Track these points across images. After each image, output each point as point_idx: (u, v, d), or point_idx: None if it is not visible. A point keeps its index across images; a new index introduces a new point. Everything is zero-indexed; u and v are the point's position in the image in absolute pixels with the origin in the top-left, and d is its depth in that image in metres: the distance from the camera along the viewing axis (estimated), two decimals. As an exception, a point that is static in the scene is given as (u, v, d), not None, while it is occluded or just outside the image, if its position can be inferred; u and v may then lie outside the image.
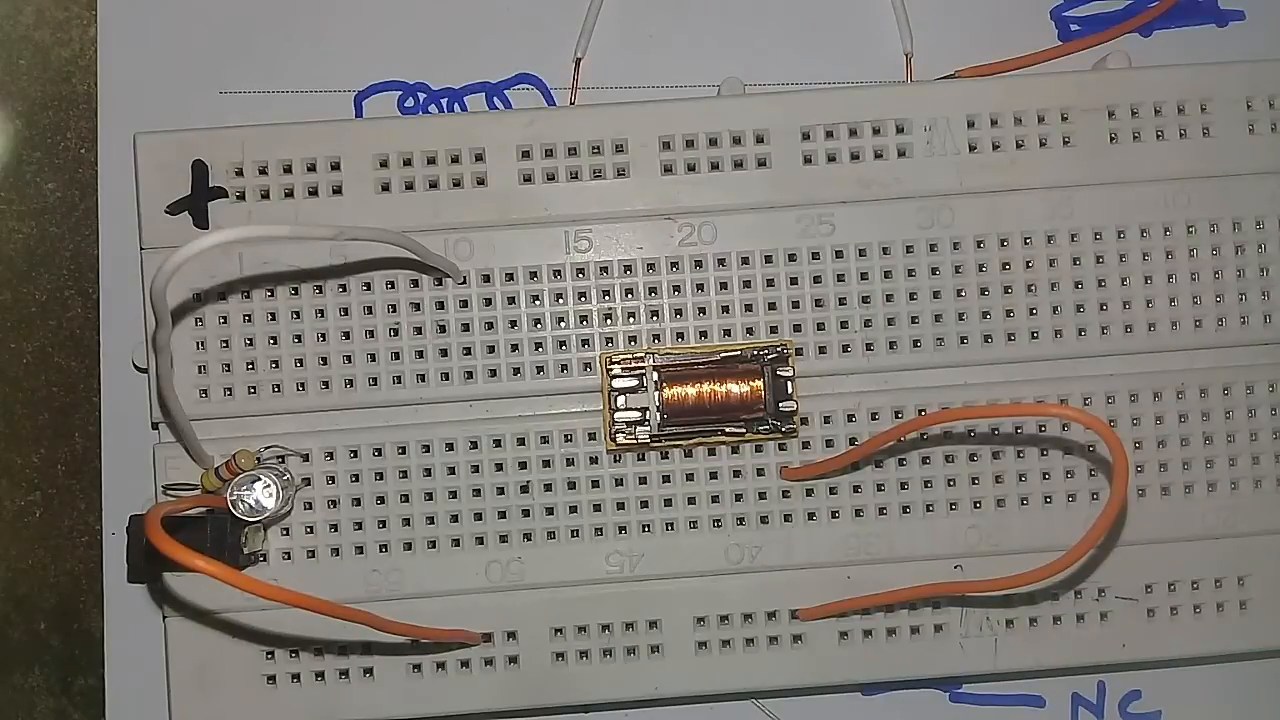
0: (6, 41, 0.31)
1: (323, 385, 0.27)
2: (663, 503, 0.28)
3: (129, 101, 0.30)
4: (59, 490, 0.31)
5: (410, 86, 0.31)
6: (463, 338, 0.27)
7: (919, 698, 0.30)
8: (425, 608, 0.27)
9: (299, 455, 0.27)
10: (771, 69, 0.30)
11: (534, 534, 0.27)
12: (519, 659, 0.28)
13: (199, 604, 0.27)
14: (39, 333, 0.31)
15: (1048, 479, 0.28)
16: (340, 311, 0.27)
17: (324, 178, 0.28)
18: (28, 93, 0.31)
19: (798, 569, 0.28)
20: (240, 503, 0.26)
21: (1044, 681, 0.30)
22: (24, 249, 0.31)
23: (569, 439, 0.28)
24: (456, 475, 0.27)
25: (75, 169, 0.31)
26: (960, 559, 0.28)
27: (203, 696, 0.27)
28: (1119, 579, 0.28)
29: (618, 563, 0.28)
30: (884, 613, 0.28)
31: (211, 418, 0.27)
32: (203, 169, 0.27)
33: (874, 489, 0.28)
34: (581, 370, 0.28)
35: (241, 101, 0.31)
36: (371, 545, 0.27)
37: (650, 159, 0.28)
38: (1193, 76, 0.28)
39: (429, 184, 0.28)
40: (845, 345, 0.28)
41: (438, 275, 0.27)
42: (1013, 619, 0.28)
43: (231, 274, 0.27)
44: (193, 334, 0.27)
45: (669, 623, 0.28)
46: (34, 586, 0.31)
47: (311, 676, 0.27)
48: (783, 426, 0.27)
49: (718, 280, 0.28)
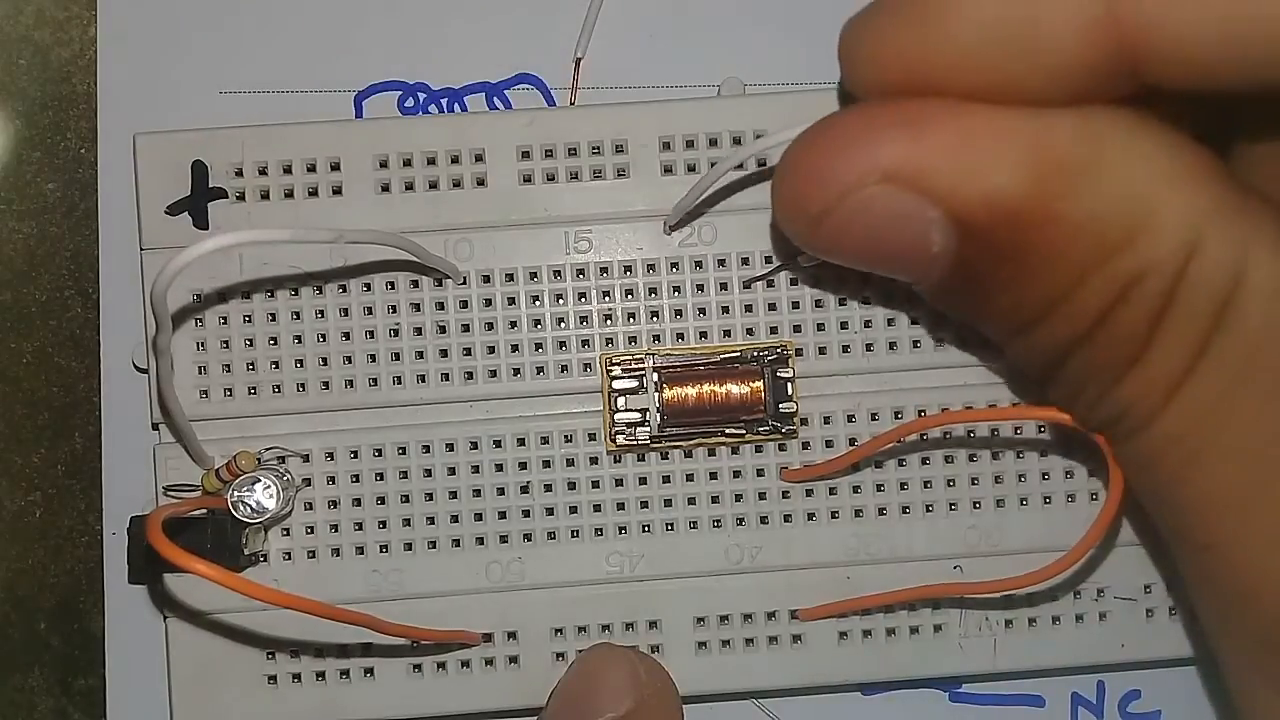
0: (6, 41, 0.31)
1: (323, 386, 0.27)
2: (663, 503, 0.28)
3: (129, 101, 0.30)
4: (59, 490, 0.31)
5: (410, 86, 0.31)
6: (463, 338, 0.28)
7: (919, 698, 0.30)
8: (426, 608, 0.27)
9: (299, 456, 0.27)
10: (771, 69, 0.30)
11: (534, 534, 0.28)
12: (519, 659, 0.28)
13: (200, 604, 0.27)
14: (39, 333, 0.31)
15: (1048, 479, 0.28)
16: (340, 312, 0.27)
17: (324, 178, 0.28)
18: (28, 93, 0.31)
19: (798, 569, 0.28)
20: (241, 504, 0.26)
21: (1044, 681, 0.30)
22: (24, 249, 0.31)
23: (569, 439, 0.28)
24: (457, 476, 0.27)
25: (75, 169, 0.31)
26: (960, 559, 0.28)
27: (203, 696, 0.27)
28: (1119, 579, 0.28)
29: (618, 563, 0.28)
30: (884, 613, 0.28)
31: (212, 418, 0.27)
32: (203, 169, 0.27)
33: (874, 489, 0.28)
34: (581, 371, 0.28)
35: (241, 101, 0.30)
36: (372, 545, 0.27)
37: (650, 159, 0.28)
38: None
39: (429, 184, 0.28)
40: (845, 346, 0.28)
41: (438, 276, 0.27)
42: (1012, 619, 0.28)
43: (231, 275, 0.27)
44: (193, 335, 0.27)
45: (669, 623, 0.28)
46: (34, 586, 0.31)
47: (312, 677, 0.27)
48: (783, 427, 0.27)
49: (718, 281, 0.28)
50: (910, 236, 0.21)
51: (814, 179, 0.21)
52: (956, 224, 0.20)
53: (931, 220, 0.20)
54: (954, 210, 0.20)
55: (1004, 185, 0.20)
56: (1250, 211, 0.20)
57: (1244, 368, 0.20)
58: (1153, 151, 0.20)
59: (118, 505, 0.30)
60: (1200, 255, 0.20)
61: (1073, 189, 0.20)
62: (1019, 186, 0.20)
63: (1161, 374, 0.20)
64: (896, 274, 0.22)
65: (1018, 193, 0.20)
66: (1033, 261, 0.20)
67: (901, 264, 0.22)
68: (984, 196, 0.20)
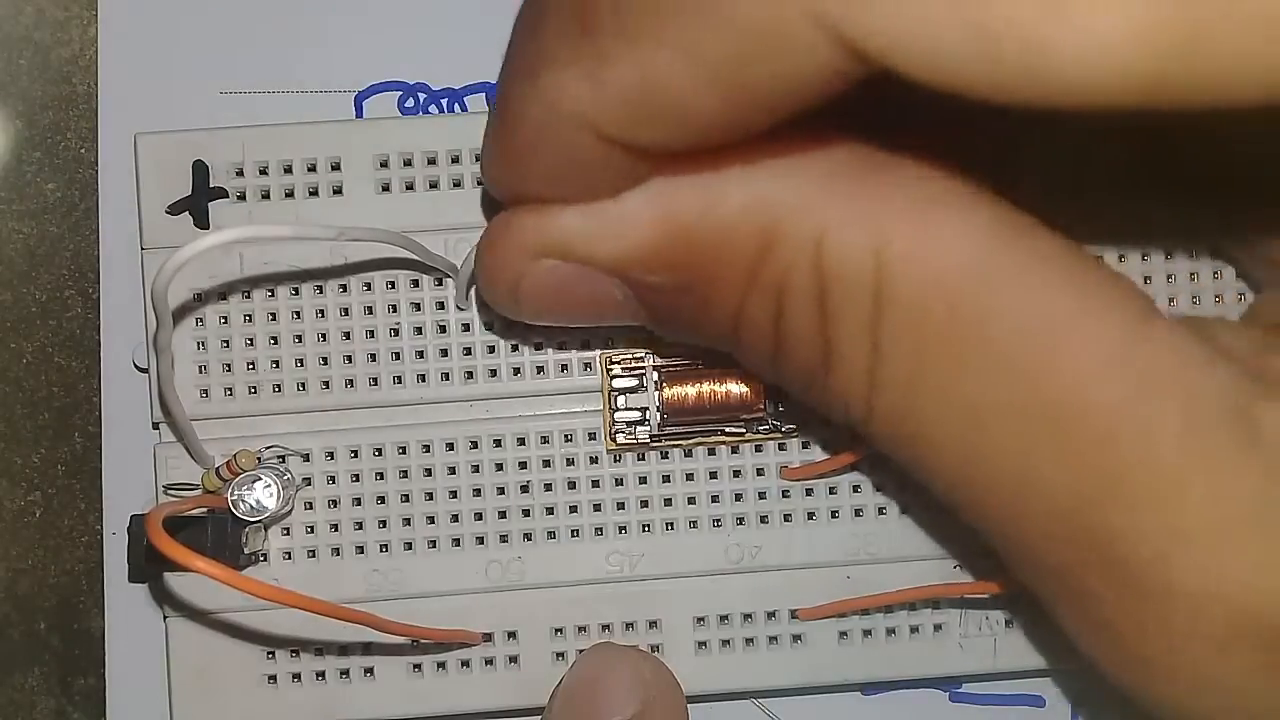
0: (6, 41, 0.31)
1: (323, 385, 0.27)
2: (663, 502, 0.28)
3: (129, 101, 0.30)
4: (59, 490, 0.31)
5: (410, 86, 0.31)
6: (463, 338, 0.28)
7: (919, 698, 0.30)
8: (426, 607, 0.27)
9: (300, 455, 0.27)
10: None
11: (534, 534, 0.28)
12: (519, 659, 0.28)
13: (200, 604, 0.27)
14: (39, 333, 0.31)
15: (1047, 479, 0.28)
16: (341, 311, 0.27)
17: (324, 178, 0.28)
18: (28, 93, 0.31)
19: (798, 569, 0.28)
20: (241, 503, 0.26)
21: (1044, 681, 0.30)
22: (24, 249, 0.31)
23: (569, 439, 0.28)
24: (457, 475, 0.27)
25: (75, 169, 0.31)
26: (960, 559, 0.28)
27: (204, 696, 0.27)
28: (1119, 579, 0.28)
29: (618, 562, 0.28)
30: (884, 613, 0.28)
31: (212, 418, 0.27)
32: (203, 169, 0.27)
33: (874, 489, 0.28)
34: (581, 370, 0.28)
35: (241, 101, 0.30)
36: (372, 545, 0.27)
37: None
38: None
39: (429, 184, 0.28)
40: (845, 345, 0.28)
41: (438, 275, 0.27)
42: (1012, 619, 0.28)
43: (232, 274, 0.27)
44: (193, 334, 0.27)
45: (669, 622, 0.28)
46: (34, 586, 0.31)
47: (313, 676, 0.27)
48: (783, 426, 0.27)
49: (718, 280, 0.28)
50: (593, 291, 0.22)
51: (493, 272, 0.23)
52: (617, 275, 0.22)
53: (598, 277, 0.22)
54: (605, 267, 0.22)
55: (634, 233, 0.21)
56: (873, 188, 0.20)
57: (918, 340, 0.20)
58: (765, 147, 0.20)
59: (118, 505, 0.30)
60: (828, 243, 0.20)
61: (701, 212, 0.21)
62: (647, 229, 0.21)
63: (853, 371, 0.21)
64: (609, 321, 0.23)
65: (648, 235, 0.21)
66: (699, 290, 0.21)
67: (605, 314, 0.23)
68: (623, 249, 0.21)
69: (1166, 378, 0.19)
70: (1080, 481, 0.19)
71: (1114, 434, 0.19)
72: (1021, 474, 0.20)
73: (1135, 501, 0.19)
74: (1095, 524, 0.19)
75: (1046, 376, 0.19)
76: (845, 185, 0.20)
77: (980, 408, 0.20)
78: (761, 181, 0.20)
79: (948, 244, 0.20)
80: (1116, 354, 0.19)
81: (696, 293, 0.22)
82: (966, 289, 0.20)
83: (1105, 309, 0.20)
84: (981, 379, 0.20)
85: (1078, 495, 0.19)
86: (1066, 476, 0.19)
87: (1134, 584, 0.20)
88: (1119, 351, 0.19)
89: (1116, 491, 0.19)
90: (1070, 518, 0.20)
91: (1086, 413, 0.19)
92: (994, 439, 0.20)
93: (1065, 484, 0.20)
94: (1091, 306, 0.20)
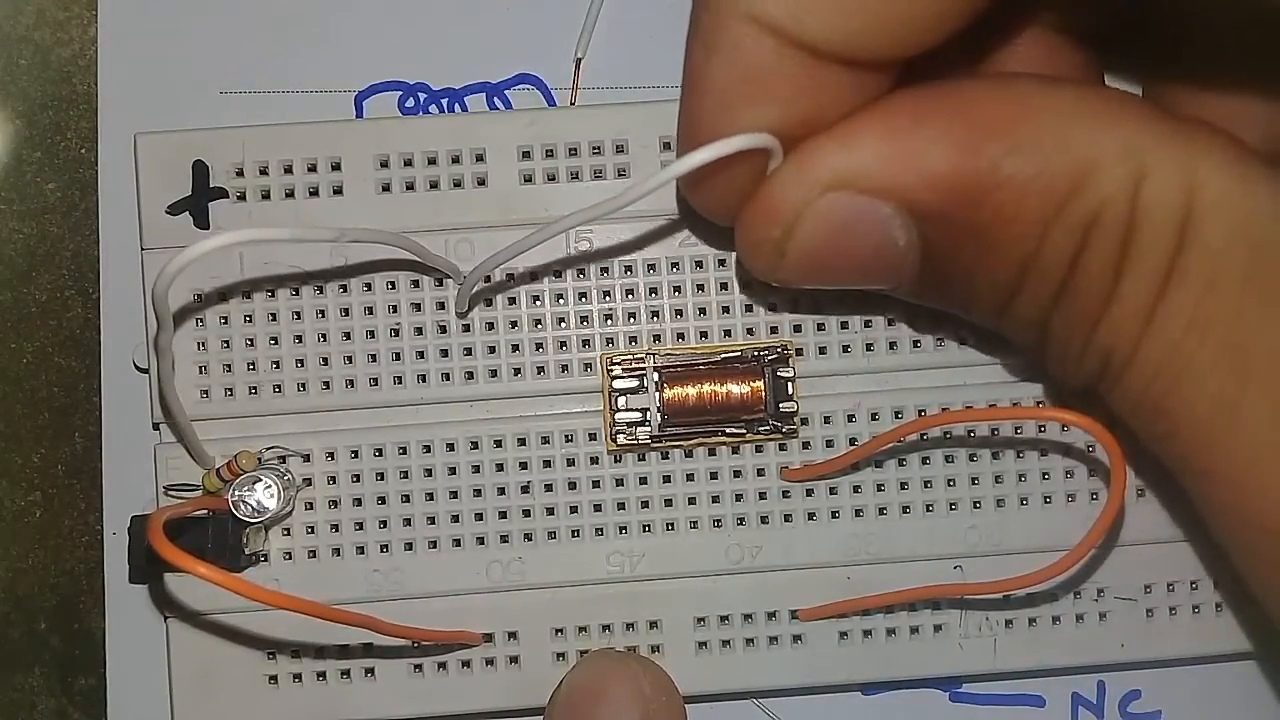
0: (6, 41, 0.31)
1: (324, 385, 0.27)
2: (663, 503, 0.28)
3: (129, 101, 0.30)
4: (59, 490, 0.31)
5: (410, 86, 0.31)
6: (463, 338, 0.28)
7: (919, 698, 0.30)
8: (426, 608, 0.27)
9: (300, 456, 0.27)
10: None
11: (535, 534, 0.28)
12: (519, 659, 0.28)
13: (200, 604, 0.27)
14: (39, 333, 0.31)
15: (1048, 479, 0.28)
16: (341, 312, 0.27)
17: (325, 178, 0.28)
18: (28, 93, 0.31)
19: (798, 569, 0.28)
20: (242, 503, 0.26)
21: (1044, 681, 0.30)
22: (24, 249, 0.31)
23: (570, 439, 0.28)
24: (457, 475, 0.27)
25: (75, 169, 0.31)
26: (960, 559, 0.28)
27: (204, 696, 0.27)
28: (1119, 579, 0.28)
29: (618, 563, 0.28)
30: (884, 613, 0.28)
31: (212, 418, 0.27)
32: (203, 169, 0.27)
33: (874, 489, 0.28)
34: (582, 371, 0.28)
35: (241, 101, 0.30)
36: (373, 545, 0.27)
37: (650, 159, 0.28)
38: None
39: (429, 184, 0.28)
40: (845, 346, 0.28)
41: (438, 275, 0.27)
42: (1012, 619, 0.28)
43: (232, 274, 0.27)
44: (193, 334, 0.27)
45: (669, 623, 0.28)
46: (34, 586, 0.31)
47: (313, 677, 0.27)
48: (783, 427, 0.27)
49: (718, 281, 0.28)
50: (875, 238, 0.22)
51: (765, 212, 0.22)
52: (911, 213, 0.21)
53: (888, 216, 0.21)
54: (902, 199, 0.21)
55: (937, 164, 0.21)
56: (1190, 133, 0.21)
57: (1210, 282, 0.20)
58: (1078, 97, 0.21)
59: (118, 505, 0.30)
60: (1149, 181, 0.20)
61: (1009, 150, 0.20)
62: (951, 161, 0.21)
63: (1135, 306, 0.21)
64: (873, 280, 0.23)
65: (952, 167, 0.21)
66: (993, 230, 0.21)
67: (875, 267, 0.22)
68: (924, 180, 0.21)
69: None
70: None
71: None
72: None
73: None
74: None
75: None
76: (1161, 127, 0.21)
77: (1256, 352, 0.20)
78: (1075, 121, 0.21)
79: (1258, 191, 0.20)
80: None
81: (987, 235, 0.21)
82: (1273, 234, 0.20)
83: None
84: (1273, 320, 0.20)
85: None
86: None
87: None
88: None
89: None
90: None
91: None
92: (1263, 383, 0.20)
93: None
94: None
